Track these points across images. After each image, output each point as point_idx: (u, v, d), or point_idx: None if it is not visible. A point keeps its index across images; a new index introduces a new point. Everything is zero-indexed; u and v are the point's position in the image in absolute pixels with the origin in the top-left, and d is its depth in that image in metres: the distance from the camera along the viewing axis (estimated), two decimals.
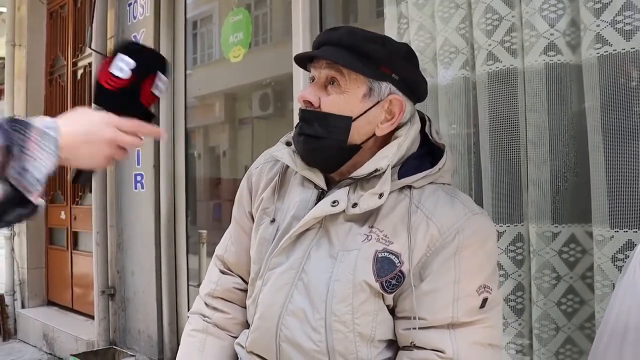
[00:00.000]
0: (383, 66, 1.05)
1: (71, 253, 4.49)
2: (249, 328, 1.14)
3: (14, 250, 4.76)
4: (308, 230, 1.07)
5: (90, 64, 4.05)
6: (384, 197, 1.02)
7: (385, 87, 1.06)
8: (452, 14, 1.60)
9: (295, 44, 2.52)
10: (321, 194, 1.10)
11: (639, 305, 0.90)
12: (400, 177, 1.06)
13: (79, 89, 4.40)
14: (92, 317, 3.82)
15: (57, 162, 0.83)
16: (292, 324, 1.04)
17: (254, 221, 1.19)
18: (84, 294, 4.24)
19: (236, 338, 1.20)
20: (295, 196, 1.12)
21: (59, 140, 0.82)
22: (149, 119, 0.99)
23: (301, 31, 2.50)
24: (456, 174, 1.58)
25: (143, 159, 3.46)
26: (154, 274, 3.40)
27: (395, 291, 1.02)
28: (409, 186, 1.06)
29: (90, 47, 3.62)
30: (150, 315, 3.46)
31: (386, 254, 1.01)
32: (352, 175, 1.06)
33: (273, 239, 1.11)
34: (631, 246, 1.25)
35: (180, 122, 3.42)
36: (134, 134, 0.94)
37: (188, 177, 3.42)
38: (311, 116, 1.07)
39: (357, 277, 1.01)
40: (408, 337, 1.02)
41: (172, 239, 3.39)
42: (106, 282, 3.68)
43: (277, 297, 1.07)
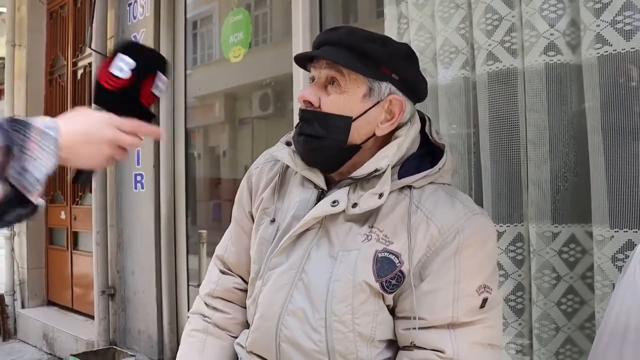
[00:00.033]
0: (383, 66, 1.05)
1: (71, 253, 4.49)
2: (249, 328, 1.14)
3: (14, 250, 4.76)
4: (308, 230, 1.07)
5: (90, 64, 4.05)
6: (384, 197, 1.02)
7: (385, 87, 1.06)
8: (452, 14, 1.60)
9: (295, 44, 2.52)
10: (321, 194, 1.10)
11: (639, 306, 0.90)
12: (400, 177, 1.06)
13: (79, 89, 4.39)
14: (92, 317, 3.82)
15: (57, 162, 0.83)
16: (292, 324, 1.04)
17: (253, 221, 1.19)
18: (84, 294, 4.24)
19: (236, 338, 1.20)
20: (295, 196, 1.12)
21: (59, 140, 0.82)
22: (149, 119, 0.99)
23: (301, 31, 2.50)
24: (456, 174, 1.58)
25: (143, 159, 3.46)
26: (154, 274, 3.40)
27: (395, 291, 1.02)
28: (409, 186, 1.06)
29: (90, 47, 3.62)
30: (150, 315, 3.46)
31: (386, 254, 1.01)
32: (352, 175, 1.06)
33: (273, 239, 1.11)
34: (631, 246, 1.25)
35: (180, 122, 3.42)
36: (134, 134, 0.94)
37: (188, 177, 3.42)
38: (311, 116, 1.07)
39: (357, 277, 1.01)
40: (408, 337, 1.02)
41: (172, 239, 3.39)
42: (106, 282, 3.68)
43: (277, 297, 1.06)
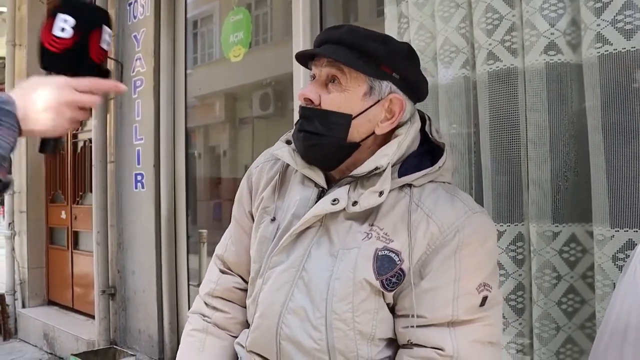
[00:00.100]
0: (384, 65, 1.05)
1: (72, 253, 4.49)
2: (249, 328, 1.14)
3: (14, 249, 4.77)
4: (308, 228, 1.07)
5: None
6: (384, 195, 1.02)
7: (386, 86, 1.06)
8: (452, 13, 1.60)
9: (295, 43, 2.52)
10: (321, 192, 1.09)
11: (639, 305, 0.90)
12: (400, 175, 1.06)
13: None
14: (93, 317, 3.82)
15: (19, 136, 0.81)
16: (292, 322, 1.04)
17: (254, 220, 1.19)
18: (85, 293, 4.25)
19: (236, 338, 1.20)
20: (296, 195, 1.12)
21: (17, 114, 0.81)
22: (104, 75, 0.96)
23: (301, 31, 2.50)
24: (456, 173, 1.58)
25: (143, 158, 3.47)
26: (155, 274, 3.40)
27: (395, 289, 1.02)
28: (409, 185, 1.06)
29: None
30: (150, 315, 3.46)
31: (386, 252, 1.01)
32: (352, 173, 1.06)
33: (273, 237, 1.11)
34: (632, 246, 1.25)
35: (181, 121, 3.42)
36: (91, 93, 0.91)
37: (188, 176, 3.42)
38: (311, 113, 1.07)
39: (357, 275, 1.01)
40: (408, 335, 1.02)
41: (173, 239, 3.40)
42: (107, 281, 3.69)
43: (277, 295, 1.06)
